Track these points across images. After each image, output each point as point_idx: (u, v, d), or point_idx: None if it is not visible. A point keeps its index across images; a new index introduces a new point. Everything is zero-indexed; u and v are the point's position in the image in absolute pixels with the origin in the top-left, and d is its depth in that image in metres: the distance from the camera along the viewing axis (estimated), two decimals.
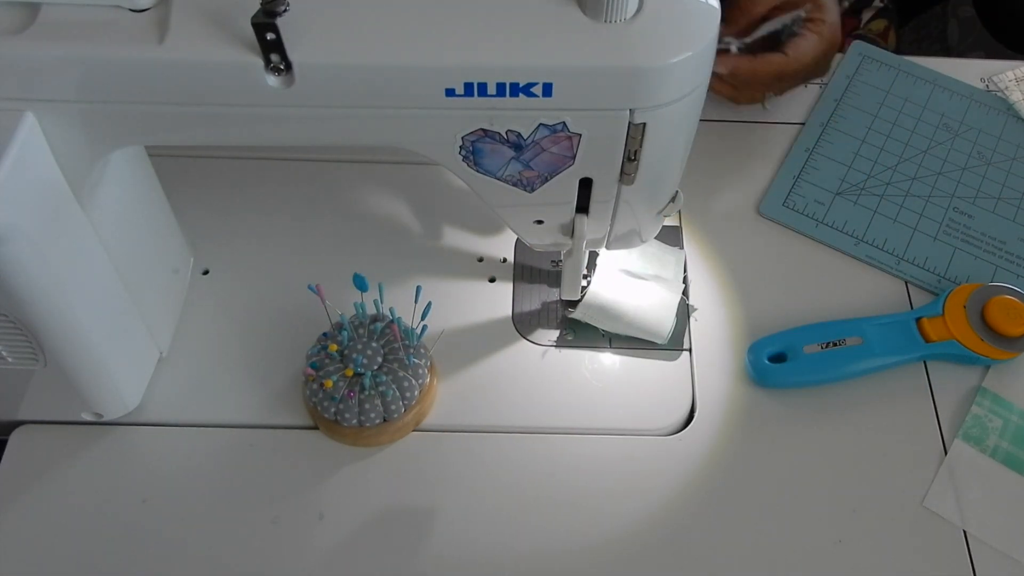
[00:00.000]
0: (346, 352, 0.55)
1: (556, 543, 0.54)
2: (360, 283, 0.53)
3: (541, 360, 0.61)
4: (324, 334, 0.57)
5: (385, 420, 0.56)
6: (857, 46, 0.81)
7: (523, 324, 0.63)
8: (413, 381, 0.56)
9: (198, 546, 0.54)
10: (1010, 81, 0.78)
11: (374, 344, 0.56)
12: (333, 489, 0.56)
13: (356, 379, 0.55)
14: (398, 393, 0.55)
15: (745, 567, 0.54)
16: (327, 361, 0.55)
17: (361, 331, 0.56)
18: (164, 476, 0.56)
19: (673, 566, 0.54)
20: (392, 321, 0.56)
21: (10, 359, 0.51)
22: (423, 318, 0.55)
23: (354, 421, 0.55)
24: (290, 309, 0.62)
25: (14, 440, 0.57)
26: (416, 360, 0.56)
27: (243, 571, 0.53)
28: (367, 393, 0.55)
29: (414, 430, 0.58)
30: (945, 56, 0.82)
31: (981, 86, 0.78)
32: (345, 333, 0.56)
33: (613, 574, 0.53)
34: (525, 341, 0.62)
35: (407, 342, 0.56)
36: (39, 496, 0.55)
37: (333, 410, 0.55)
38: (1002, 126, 0.75)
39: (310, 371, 0.55)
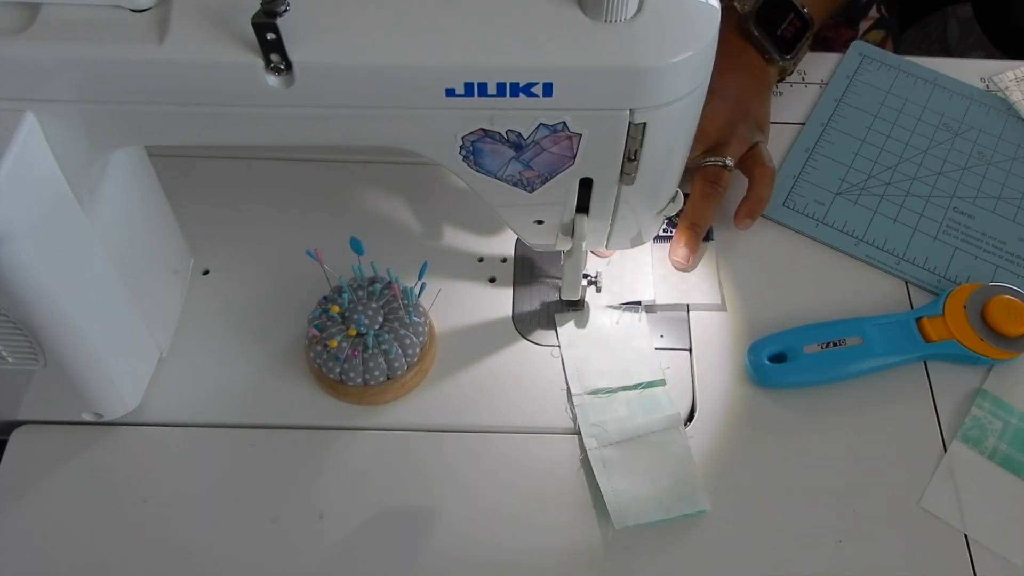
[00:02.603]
0: (347, 314, 0.57)
1: (556, 542, 0.54)
2: (357, 247, 0.55)
3: (541, 360, 0.61)
4: (324, 297, 0.58)
5: (389, 378, 0.57)
6: (857, 46, 0.80)
7: (523, 324, 0.63)
8: (414, 339, 0.57)
9: (198, 546, 0.54)
10: (1010, 81, 0.78)
11: (374, 305, 0.57)
12: (333, 489, 0.56)
13: (359, 339, 0.56)
14: (400, 351, 0.57)
15: (745, 566, 0.54)
16: (329, 323, 0.57)
17: (360, 293, 0.58)
18: (164, 476, 0.56)
19: (673, 565, 0.54)
20: (391, 281, 0.58)
21: (10, 359, 0.51)
22: (420, 277, 0.57)
23: (359, 380, 0.56)
24: (290, 308, 0.62)
25: (14, 440, 0.57)
26: (416, 318, 0.58)
27: (243, 571, 0.53)
28: (370, 352, 0.56)
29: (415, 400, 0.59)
30: (945, 56, 0.82)
31: (981, 86, 0.78)
32: (345, 295, 0.57)
33: (614, 573, 0.53)
34: (525, 341, 0.62)
35: (406, 301, 0.58)
36: (39, 496, 0.55)
37: (338, 370, 0.56)
38: (1002, 126, 0.75)
39: (314, 332, 0.56)
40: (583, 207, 0.51)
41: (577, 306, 0.63)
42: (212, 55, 0.40)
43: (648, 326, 0.62)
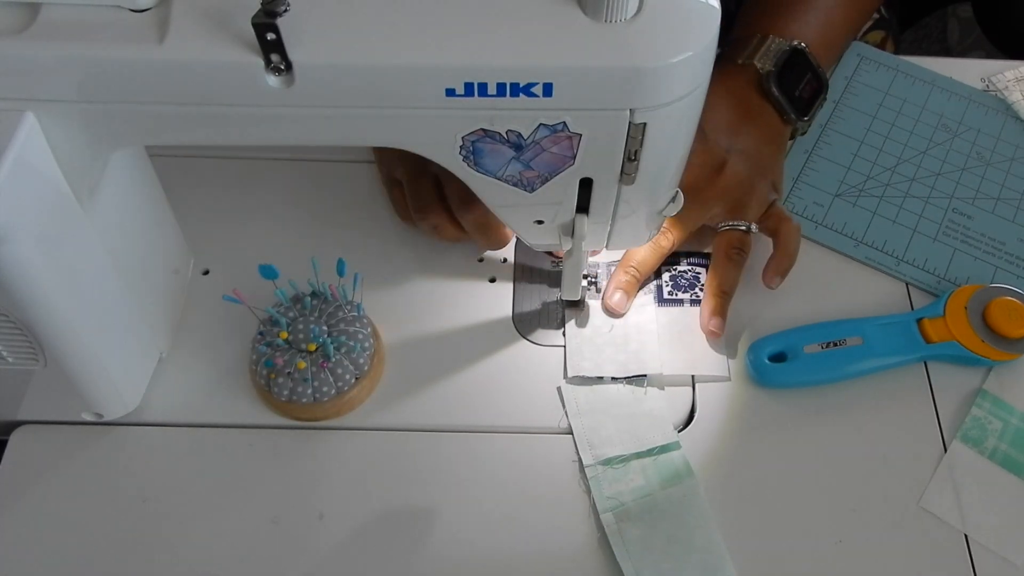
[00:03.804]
0: (292, 336, 0.57)
1: (556, 542, 0.54)
2: (267, 272, 0.55)
3: (541, 360, 0.61)
4: (260, 333, 0.58)
5: (357, 378, 0.57)
6: (855, 47, 0.80)
7: (523, 324, 0.63)
8: (364, 331, 0.58)
9: (198, 546, 0.54)
10: (1009, 81, 0.78)
11: (312, 318, 0.57)
12: (333, 489, 0.56)
13: (319, 352, 0.56)
14: (362, 346, 0.57)
15: (744, 567, 0.54)
16: (278, 353, 0.56)
17: (292, 314, 0.58)
18: (164, 476, 0.56)
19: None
20: (315, 291, 0.58)
21: (10, 359, 0.51)
22: (341, 274, 0.57)
23: (332, 392, 0.56)
24: None
25: (14, 440, 0.57)
26: (358, 312, 0.58)
27: (243, 571, 0.53)
28: (336, 358, 0.56)
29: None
30: (945, 56, 0.82)
31: (981, 86, 0.78)
32: (283, 320, 0.57)
33: (613, 573, 0.53)
34: (525, 341, 0.62)
35: (343, 300, 0.58)
36: (39, 496, 0.55)
37: (310, 391, 0.56)
38: (1001, 126, 0.75)
39: (279, 361, 0.56)
40: (583, 207, 0.51)
41: (577, 305, 0.63)
42: (212, 55, 0.40)
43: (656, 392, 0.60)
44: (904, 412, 0.60)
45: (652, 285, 0.64)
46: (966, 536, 0.55)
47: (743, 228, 0.64)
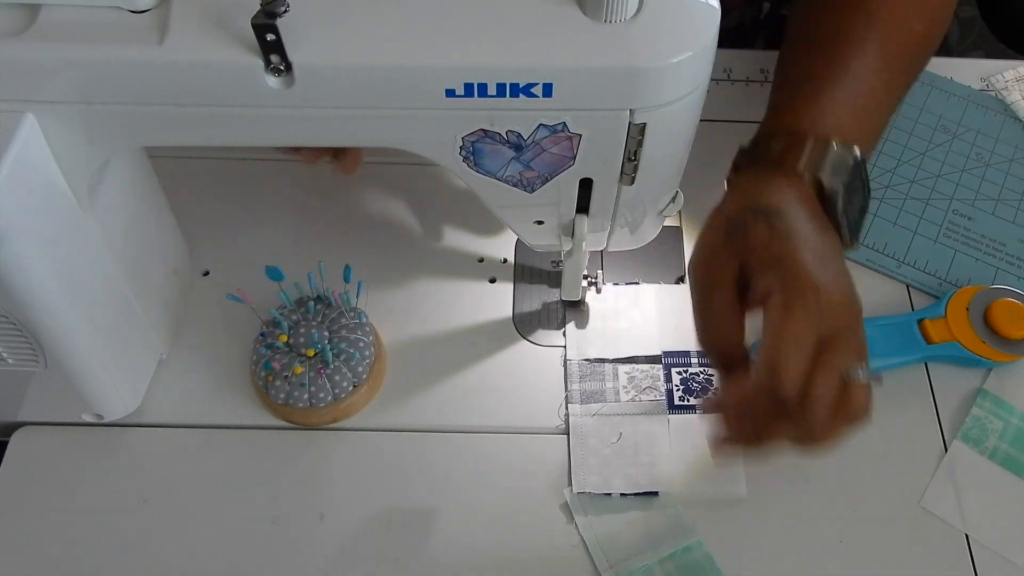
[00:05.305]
0: (292, 340, 0.57)
1: (556, 542, 0.54)
2: (273, 274, 0.56)
3: (541, 360, 0.61)
4: (262, 334, 0.58)
5: (355, 386, 0.57)
6: None
7: (523, 324, 0.63)
8: (366, 340, 0.58)
9: (198, 546, 0.54)
10: (1008, 81, 0.78)
11: (315, 323, 0.57)
12: (333, 489, 0.56)
13: (317, 358, 0.56)
14: (362, 354, 0.57)
15: (745, 567, 0.54)
16: (278, 356, 0.56)
17: (295, 317, 0.58)
18: (164, 476, 0.56)
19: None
20: (320, 296, 0.59)
21: (11, 360, 0.51)
22: (347, 280, 0.58)
23: (329, 398, 0.56)
24: None
25: (15, 441, 0.57)
26: (360, 320, 0.58)
27: (243, 571, 0.53)
28: (334, 365, 0.56)
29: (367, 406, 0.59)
30: (945, 56, 0.82)
31: (980, 86, 0.78)
32: (285, 323, 0.57)
33: None
34: (525, 341, 0.62)
35: (346, 307, 0.58)
36: (39, 497, 0.55)
37: (307, 396, 0.56)
38: (1000, 127, 0.75)
39: (277, 365, 0.56)
40: (583, 207, 0.51)
41: (577, 306, 0.63)
42: (212, 56, 0.40)
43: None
44: (904, 412, 0.60)
45: (663, 389, 0.60)
46: (966, 536, 0.55)
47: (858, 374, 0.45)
